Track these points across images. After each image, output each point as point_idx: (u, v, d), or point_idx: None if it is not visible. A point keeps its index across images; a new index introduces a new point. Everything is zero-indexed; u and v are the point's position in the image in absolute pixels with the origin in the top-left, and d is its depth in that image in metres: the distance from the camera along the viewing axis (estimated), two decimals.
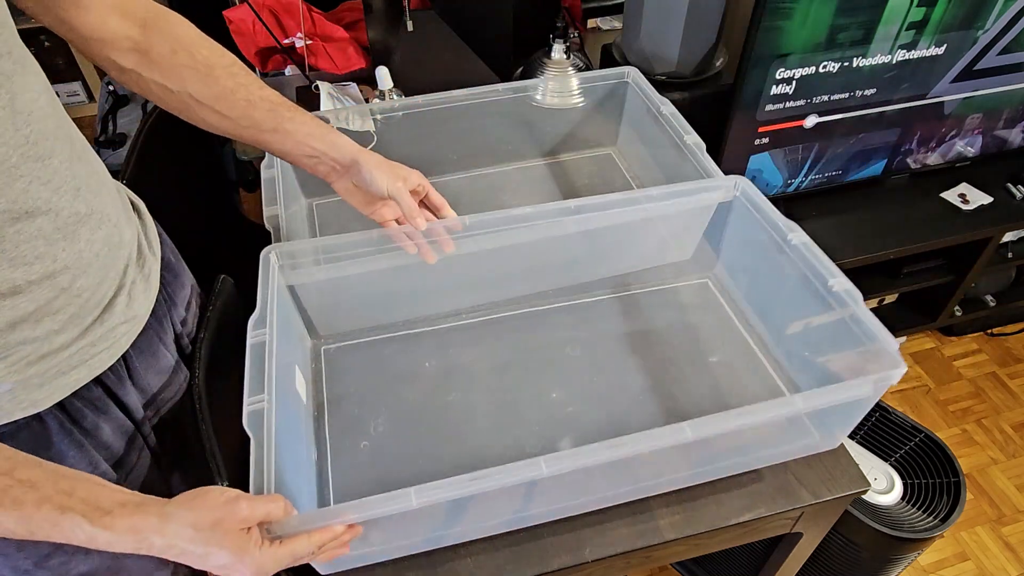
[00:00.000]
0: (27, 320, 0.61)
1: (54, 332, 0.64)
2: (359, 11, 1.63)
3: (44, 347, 0.63)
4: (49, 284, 0.62)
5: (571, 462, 0.65)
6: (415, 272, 0.93)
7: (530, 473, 0.64)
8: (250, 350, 0.74)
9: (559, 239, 0.95)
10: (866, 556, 1.19)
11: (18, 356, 0.62)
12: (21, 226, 0.58)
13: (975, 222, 1.63)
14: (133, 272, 0.73)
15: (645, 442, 0.66)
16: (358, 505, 0.61)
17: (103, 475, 0.72)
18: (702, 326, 1.01)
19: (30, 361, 0.63)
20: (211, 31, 0.78)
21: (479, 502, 0.70)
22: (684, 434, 0.66)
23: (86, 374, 0.68)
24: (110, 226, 0.69)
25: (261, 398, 0.70)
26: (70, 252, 0.63)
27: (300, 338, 0.95)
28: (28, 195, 0.58)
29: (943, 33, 1.32)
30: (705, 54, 1.42)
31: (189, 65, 0.74)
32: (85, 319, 0.66)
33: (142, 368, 0.76)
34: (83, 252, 0.65)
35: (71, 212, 0.63)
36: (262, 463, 0.65)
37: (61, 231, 0.62)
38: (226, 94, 0.76)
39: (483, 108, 1.21)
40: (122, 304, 0.70)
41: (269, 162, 1.05)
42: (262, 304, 0.80)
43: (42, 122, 0.60)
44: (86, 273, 0.65)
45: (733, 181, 0.96)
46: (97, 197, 0.67)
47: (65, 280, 0.63)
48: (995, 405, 1.85)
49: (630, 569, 0.85)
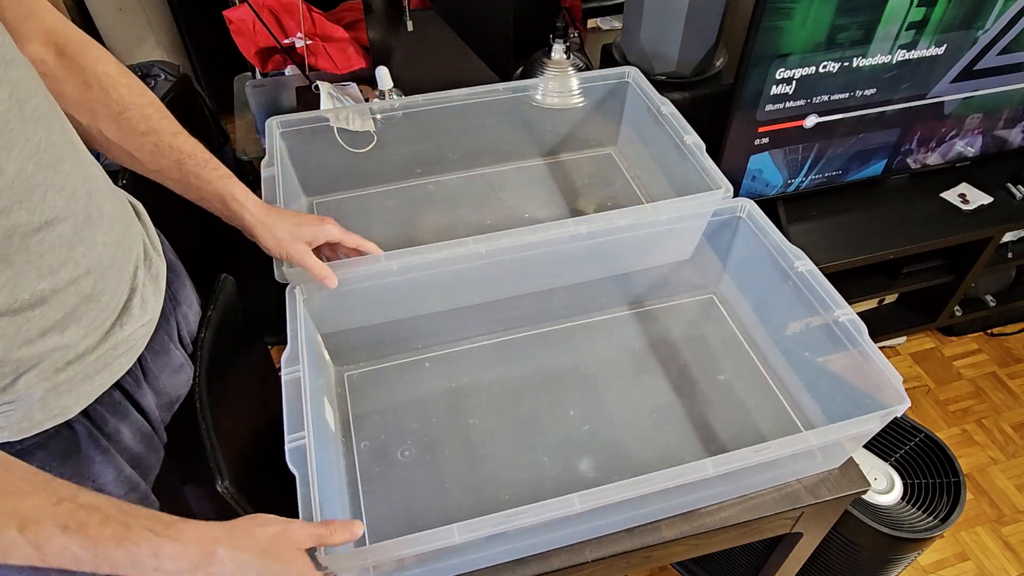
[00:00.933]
0: (55, 328, 0.62)
1: (79, 338, 0.64)
2: (359, 11, 1.63)
3: (70, 354, 0.64)
4: (73, 290, 0.62)
5: (602, 498, 0.68)
6: (434, 296, 0.96)
7: (564, 510, 0.67)
8: (285, 387, 0.76)
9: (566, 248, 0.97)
10: (866, 556, 1.19)
11: (48, 364, 0.62)
12: (43, 235, 0.58)
13: (975, 222, 1.63)
14: (143, 274, 0.73)
15: (672, 479, 0.69)
16: (408, 540, 0.65)
17: (127, 479, 0.73)
18: (710, 344, 1.04)
19: (58, 368, 0.63)
20: (211, 31, 0.78)
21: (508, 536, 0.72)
22: (707, 470, 0.70)
23: (108, 379, 0.69)
24: (120, 228, 0.70)
25: (302, 435, 0.72)
26: (90, 257, 0.64)
27: (324, 365, 0.96)
28: (46, 204, 0.58)
29: (943, 33, 1.32)
30: (705, 54, 1.42)
31: (102, 102, 0.73)
32: (105, 323, 0.67)
33: (156, 369, 0.77)
34: (101, 256, 0.65)
35: (85, 216, 0.63)
36: (308, 498, 0.67)
37: (79, 236, 0.62)
38: (136, 136, 0.76)
39: (483, 108, 1.21)
40: (137, 306, 0.71)
41: (269, 160, 1.05)
42: (292, 340, 0.81)
43: (49, 128, 0.60)
44: (104, 277, 0.66)
45: (739, 203, 0.98)
46: (106, 200, 0.68)
47: (87, 285, 0.64)
48: (995, 405, 1.85)
49: (630, 569, 0.85)
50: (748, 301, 1.04)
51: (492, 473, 0.88)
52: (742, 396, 0.96)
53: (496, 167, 1.31)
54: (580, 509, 0.67)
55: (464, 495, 0.85)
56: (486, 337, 1.04)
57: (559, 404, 0.95)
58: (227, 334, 0.91)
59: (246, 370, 1.00)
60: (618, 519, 0.80)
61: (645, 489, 0.69)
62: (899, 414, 0.74)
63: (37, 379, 0.62)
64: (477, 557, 0.76)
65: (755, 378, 0.99)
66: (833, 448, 0.82)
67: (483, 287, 0.98)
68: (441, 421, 0.94)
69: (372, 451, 0.91)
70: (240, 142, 1.47)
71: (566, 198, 1.25)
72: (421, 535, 0.65)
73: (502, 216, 1.21)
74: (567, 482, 0.86)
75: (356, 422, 0.94)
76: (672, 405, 0.95)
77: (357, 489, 0.86)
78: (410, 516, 0.83)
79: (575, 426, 0.93)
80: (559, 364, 1.01)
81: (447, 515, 0.83)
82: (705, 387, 0.97)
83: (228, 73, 1.76)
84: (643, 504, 0.78)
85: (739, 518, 0.82)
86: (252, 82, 1.53)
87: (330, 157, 1.19)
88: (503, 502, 0.84)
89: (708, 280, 1.10)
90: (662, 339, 1.04)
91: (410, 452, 0.90)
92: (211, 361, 0.84)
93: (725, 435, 0.91)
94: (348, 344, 0.99)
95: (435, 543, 0.65)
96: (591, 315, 1.07)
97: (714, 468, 0.70)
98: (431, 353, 1.02)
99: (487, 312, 1.02)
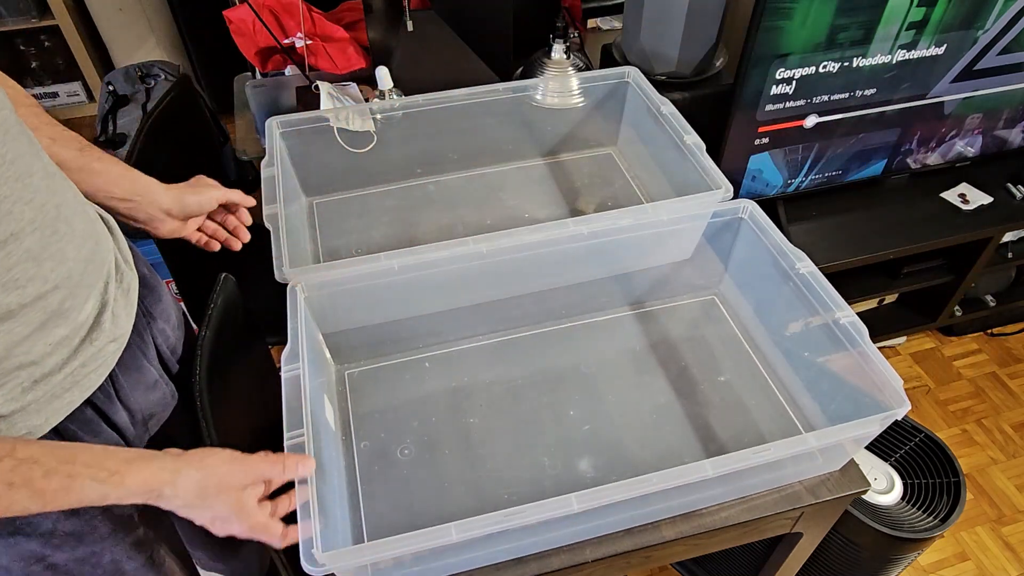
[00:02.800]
0: (21, 344, 0.61)
1: (47, 355, 0.64)
2: (359, 11, 1.63)
3: (37, 372, 0.63)
4: (41, 305, 0.62)
5: (600, 498, 0.68)
6: (434, 295, 0.96)
7: (562, 510, 0.67)
8: (285, 384, 0.76)
9: (567, 248, 0.97)
10: (866, 556, 1.19)
11: (15, 383, 0.62)
12: (10, 248, 0.58)
13: (975, 222, 1.63)
14: (113, 288, 0.72)
15: (671, 479, 0.69)
16: (405, 539, 0.65)
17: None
18: (710, 345, 1.04)
19: (25, 388, 0.63)
20: (211, 31, 0.78)
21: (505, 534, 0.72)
22: (705, 471, 0.70)
23: (79, 396, 0.68)
24: (91, 243, 0.69)
25: (300, 432, 0.72)
26: (59, 272, 0.63)
27: (325, 364, 0.96)
28: (12, 216, 0.58)
29: (943, 33, 1.32)
30: (705, 54, 1.42)
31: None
32: (74, 340, 0.66)
33: (128, 386, 0.75)
34: (71, 271, 0.65)
35: (53, 231, 0.63)
36: (306, 494, 0.68)
37: (48, 251, 0.62)
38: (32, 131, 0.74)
39: (483, 108, 1.21)
40: (108, 321, 0.70)
41: (269, 160, 1.05)
42: (293, 339, 0.81)
43: (16, 140, 0.60)
44: (74, 293, 0.65)
45: (741, 204, 0.98)
46: (75, 215, 0.67)
47: (55, 300, 0.63)
48: (995, 405, 1.85)
49: (630, 569, 0.85)
50: (749, 302, 1.04)
51: (492, 472, 0.88)
52: (742, 397, 0.96)
53: (496, 167, 1.31)
54: (578, 509, 0.67)
55: (464, 494, 0.85)
56: (486, 336, 1.04)
57: (559, 404, 0.95)
58: (227, 333, 0.91)
59: (246, 369, 1.00)
60: (618, 519, 0.80)
61: (644, 490, 0.69)
62: (899, 417, 0.74)
63: (4, 400, 0.61)
64: (475, 556, 0.76)
65: (755, 379, 0.99)
66: (833, 450, 0.82)
67: (483, 287, 0.98)
68: (441, 420, 0.94)
69: (372, 450, 0.91)
70: (240, 142, 1.47)
71: (566, 198, 1.25)
72: (418, 533, 0.65)
73: (502, 216, 1.21)
74: (567, 482, 0.87)
75: (356, 421, 0.94)
76: (672, 405, 0.95)
77: (356, 488, 0.86)
78: (409, 515, 0.83)
79: (575, 426, 0.93)
80: (559, 364, 1.01)
81: (447, 514, 0.83)
82: (705, 388, 0.97)
83: (228, 73, 1.76)
84: (643, 504, 0.78)
85: (739, 518, 0.82)
86: (252, 82, 1.53)
87: (330, 157, 1.19)
88: (503, 501, 0.84)
89: (709, 281, 1.10)
90: (662, 339, 1.04)
91: (410, 451, 0.90)
92: (211, 360, 0.84)
93: (725, 436, 0.91)
94: (349, 343, 0.99)
95: (432, 542, 0.65)
96: (591, 315, 1.07)
97: (713, 469, 0.70)
98: (431, 352, 1.02)
99: (487, 311, 1.02)
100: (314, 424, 0.74)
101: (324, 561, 0.63)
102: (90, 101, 2.76)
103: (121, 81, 2.04)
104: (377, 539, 0.65)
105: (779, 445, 0.72)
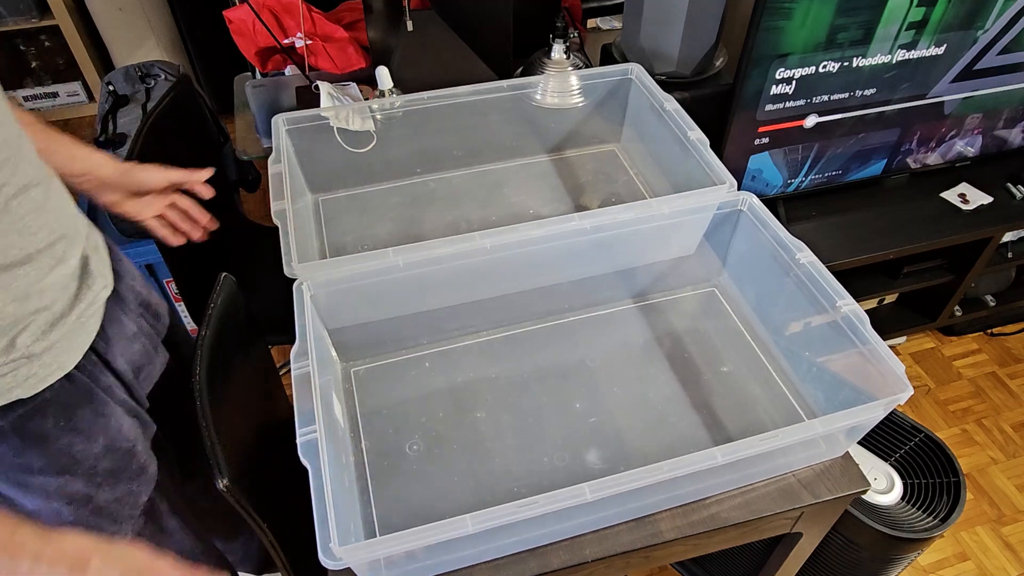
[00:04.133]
0: (36, 285, 0.68)
1: (55, 300, 0.71)
2: (359, 11, 1.63)
3: (50, 315, 0.70)
4: (49, 252, 0.69)
5: (613, 487, 0.68)
6: (440, 291, 0.96)
7: (576, 499, 0.67)
8: (295, 382, 0.77)
9: (571, 243, 0.97)
10: (866, 556, 1.19)
11: (35, 326, 0.69)
12: (21, 198, 0.66)
13: (975, 222, 1.63)
14: (94, 239, 0.81)
15: (682, 467, 0.70)
16: (423, 531, 0.65)
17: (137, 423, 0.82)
18: (712, 336, 1.04)
19: (44, 330, 0.70)
20: (211, 31, 0.79)
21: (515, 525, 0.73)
22: (715, 458, 0.71)
23: (86, 338, 0.75)
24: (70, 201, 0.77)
25: (313, 429, 0.73)
26: (59, 222, 0.71)
27: (331, 362, 0.97)
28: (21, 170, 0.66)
29: (943, 33, 1.32)
30: (705, 54, 1.42)
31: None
32: (71, 286, 0.74)
33: (114, 337, 0.82)
34: (67, 223, 0.73)
35: (49, 186, 0.71)
36: (321, 491, 0.68)
37: (49, 203, 0.70)
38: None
39: (486, 105, 1.21)
40: (96, 269, 0.78)
41: (276, 157, 1.05)
42: (301, 336, 0.82)
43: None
44: (71, 243, 0.73)
45: (740, 196, 0.98)
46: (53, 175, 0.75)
47: (60, 248, 0.71)
48: (995, 405, 1.85)
49: (630, 569, 0.85)
50: (750, 293, 1.05)
51: (500, 466, 0.88)
52: (746, 387, 0.97)
53: (500, 164, 1.31)
54: (591, 498, 0.67)
55: (473, 488, 0.86)
56: (492, 332, 1.04)
57: (565, 397, 0.95)
58: (227, 333, 0.91)
59: (247, 368, 1.00)
60: (626, 509, 0.80)
61: (656, 478, 0.69)
62: (902, 402, 0.75)
63: (31, 339, 0.68)
64: (487, 548, 0.76)
65: (758, 369, 0.99)
66: (836, 436, 0.82)
67: (488, 282, 0.98)
68: (448, 415, 0.94)
69: (380, 445, 0.91)
70: (240, 142, 1.47)
71: (570, 194, 1.25)
72: (435, 525, 0.65)
73: (506, 212, 1.21)
74: (575, 473, 0.87)
75: (364, 417, 0.94)
76: (677, 397, 0.95)
77: (366, 483, 0.86)
78: (419, 509, 0.83)
79: (581, 418, 0.93)
80: (565, 358, 1.01)
81: (456, 508, 0.83)
82: (709, 379, 0.98)
83: (228, 73, 1.76)
84: (651, 494, 0.78)
85: (739, 518, 0.82)
86: (252, 82, 1.53)
87: (335, 155, 1.20)
88: (512, 494, 0.85)
89: (710, 273, 1.10)
90: (665, 332, 1.04)
91: (418, 446, 0.90)
92: (211, 359, 0.84)
93: (730, 425, 0.92)
94: (355, 340, 0.99)
95: (449, 533, 0.65)
96: (595, 309, 1.07)
97: (722, 456, 0.70)
98: (437, 348, 1.02)
99: (493, 307, 1.02)
100: (326, 420, 0.75)
101: (341, 555, 0.63)
102: (90, 101, 2.76)
103: (121, 81, 2.04)
104: (387, 534, 0.65)
105: (787, 432, 0.72)
